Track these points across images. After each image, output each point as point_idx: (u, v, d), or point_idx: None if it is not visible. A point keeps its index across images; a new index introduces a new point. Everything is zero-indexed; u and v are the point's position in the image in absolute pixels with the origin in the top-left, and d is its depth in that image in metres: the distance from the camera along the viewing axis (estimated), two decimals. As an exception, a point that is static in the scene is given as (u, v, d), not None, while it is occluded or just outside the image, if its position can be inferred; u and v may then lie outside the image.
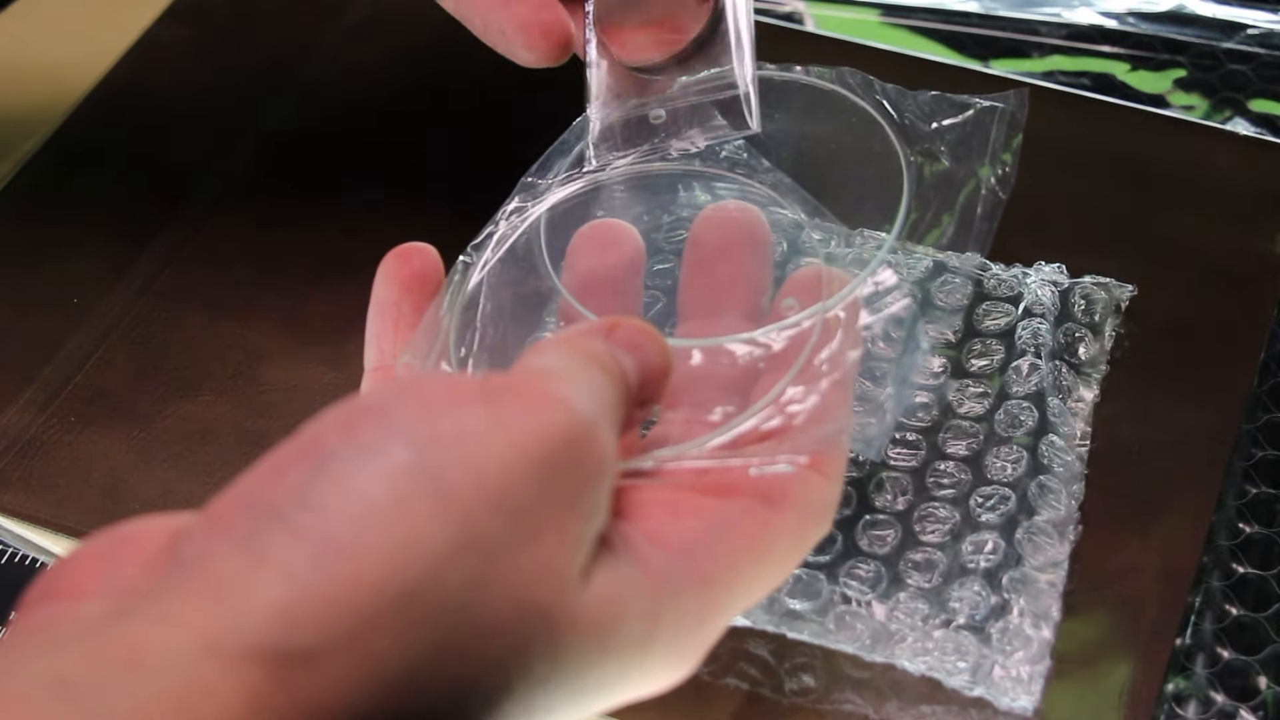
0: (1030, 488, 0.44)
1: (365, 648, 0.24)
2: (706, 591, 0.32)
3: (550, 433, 0.28)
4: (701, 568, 0.32)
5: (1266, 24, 0.60)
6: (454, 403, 0.28)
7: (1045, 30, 0.61)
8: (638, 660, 0.30)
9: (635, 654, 0.30)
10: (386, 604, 0.25)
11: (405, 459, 0.26)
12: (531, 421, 0.28)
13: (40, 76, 0.61)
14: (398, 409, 0.27)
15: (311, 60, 0.61)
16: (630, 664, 0.30)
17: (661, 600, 0.30)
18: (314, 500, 0.25)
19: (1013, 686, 0.41)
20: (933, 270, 0.50)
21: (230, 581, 0.25)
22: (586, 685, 0.29)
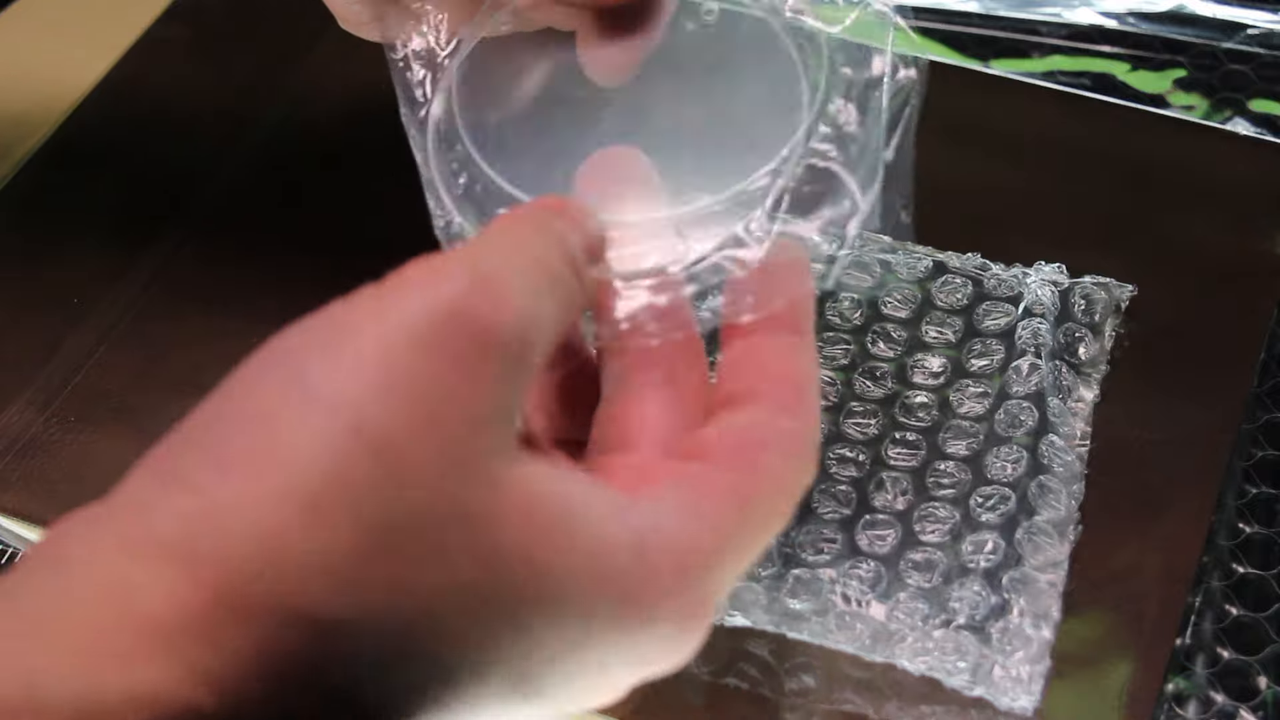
0: (1030, 488, 0.44)
1: (277, 555, 0.25)
2: (693, 543, 0.29)
3: (434, 304, 0.27)
4: (679, 519, 0.30)
5: (1266, 24, 0.60)
6: (346, 307, 0.28)
7: (1045, 30, 0.61)
8: (612, 598, 0.28)
9: (603, 587, 0.28)
10: (294, 512, 0.25)
11: (291, 372, 0.26)
12: (414, 298, 0.27)
13: (40, 76, 0.61)
14: (305, 336, 0.27)
15: (311, 60, 0.61)
16: (602, 600, 0.28)
17: (635, 529, 0.28)
18: (218, 427, 0.26)
19: (1013, 686, 0.41)
20: (933, 270, 0.50)
21: (146, 497, 0.26)
22: (550, 618, 0.27)
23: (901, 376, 0.48)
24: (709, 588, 0.30)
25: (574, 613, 0.27)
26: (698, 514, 0.29)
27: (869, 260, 0.51)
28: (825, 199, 0.41)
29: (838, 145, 0.41)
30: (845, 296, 0.50)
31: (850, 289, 0.50)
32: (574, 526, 0.27)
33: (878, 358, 0.48)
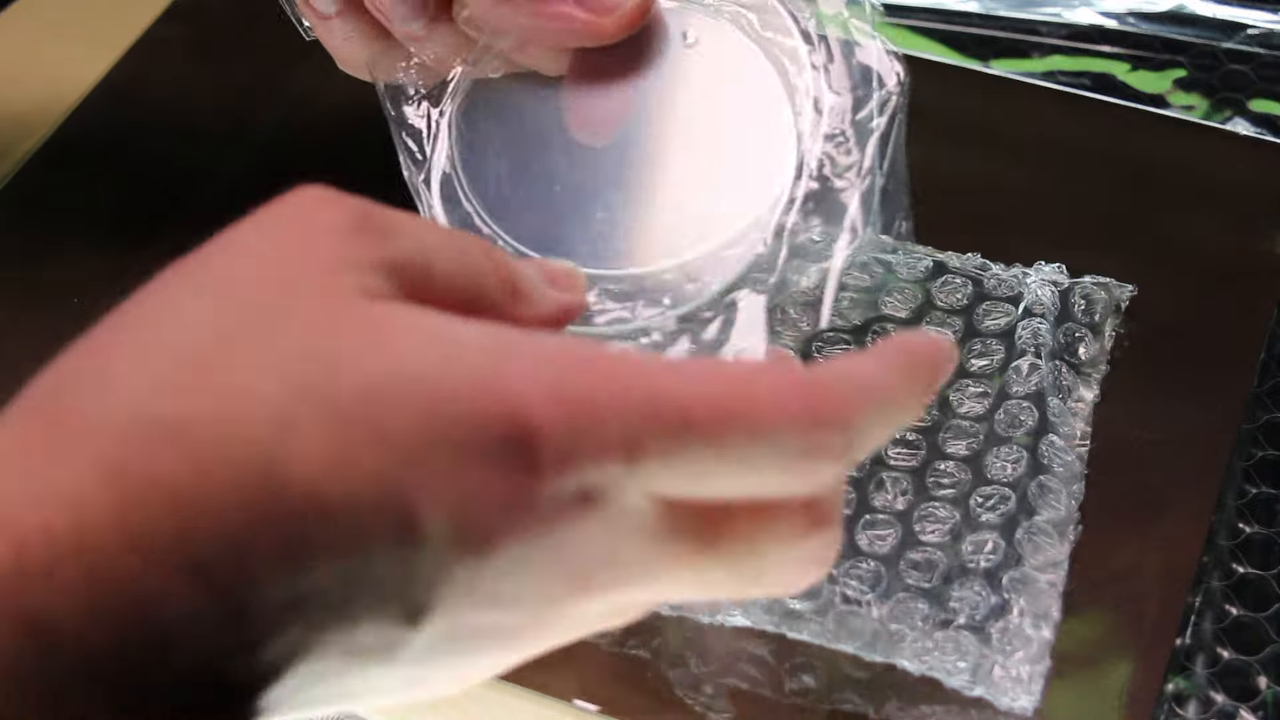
0: (1030, 488, 0.44)
1: (119, 484, 0.24)
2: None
3: (273, 210, 0.28)
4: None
5: (1266, 24, 0.60)
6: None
7: (1045, 30, 0.61)
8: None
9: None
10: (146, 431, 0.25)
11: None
12: (261, 214, 0.28)
13: (40, 76, 0.61)
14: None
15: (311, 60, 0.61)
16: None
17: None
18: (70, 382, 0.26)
19: (1013, 686, 0.41)
20: (933, 270, 0.50)
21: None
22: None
23: (901, 376, 0.48)
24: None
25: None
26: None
27: (869, 260, 0.51)
28: (825, 225, 0.41)
29: (832, 172, 0.41)
30: (845, 296, 0.50)
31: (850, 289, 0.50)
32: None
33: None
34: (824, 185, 0.41)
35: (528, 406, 0.26)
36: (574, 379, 0.26)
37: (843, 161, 0.41)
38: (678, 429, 0.26)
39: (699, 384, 0.27)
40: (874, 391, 0.28)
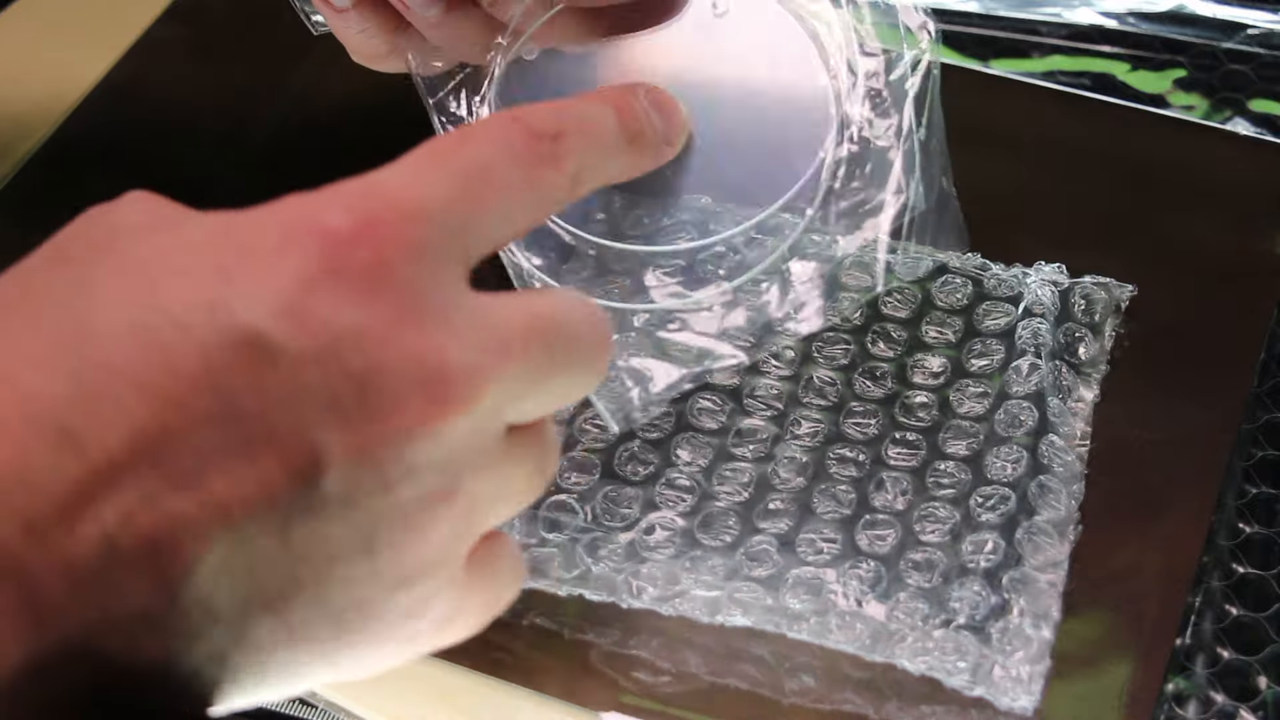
0: (1030, 488, 0.44)
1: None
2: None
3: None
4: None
5: (1266, 24, 0.60)
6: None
7: (1045, 30, 0.61)
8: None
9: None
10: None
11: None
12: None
13: (40, 76, 0.61)
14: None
15: (311, 60, 0.61)
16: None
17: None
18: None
19: (1013, 686, 0.41)
20: (933, 270, 0.50)
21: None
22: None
23: (901, 376, 0.48)
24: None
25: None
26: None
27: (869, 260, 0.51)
28: (869, 188, 0.41)
29: (872, 133, 0.41)
30: (845, 296, 0.50)
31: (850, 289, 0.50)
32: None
33: (878, 358, 0.48)
34: (864, 147, 0.41)
35: (313, 207, 0.28)
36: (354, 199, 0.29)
37: (881, 122, 0.41)
38: (454, 176, 0.30)
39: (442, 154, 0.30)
40: (576, 107, 0.33)
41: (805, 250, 0.41)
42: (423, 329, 0.28)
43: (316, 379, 0.26)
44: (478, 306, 0.29)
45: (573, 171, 0.32)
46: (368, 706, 0.44)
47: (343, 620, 0.28)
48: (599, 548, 0.45)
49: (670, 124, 0.37)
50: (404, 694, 0.44)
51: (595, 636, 0.44)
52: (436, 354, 0.28)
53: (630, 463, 0.47)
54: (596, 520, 0.45)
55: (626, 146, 0.35)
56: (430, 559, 0.29)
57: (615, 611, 0.44)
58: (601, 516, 0.45)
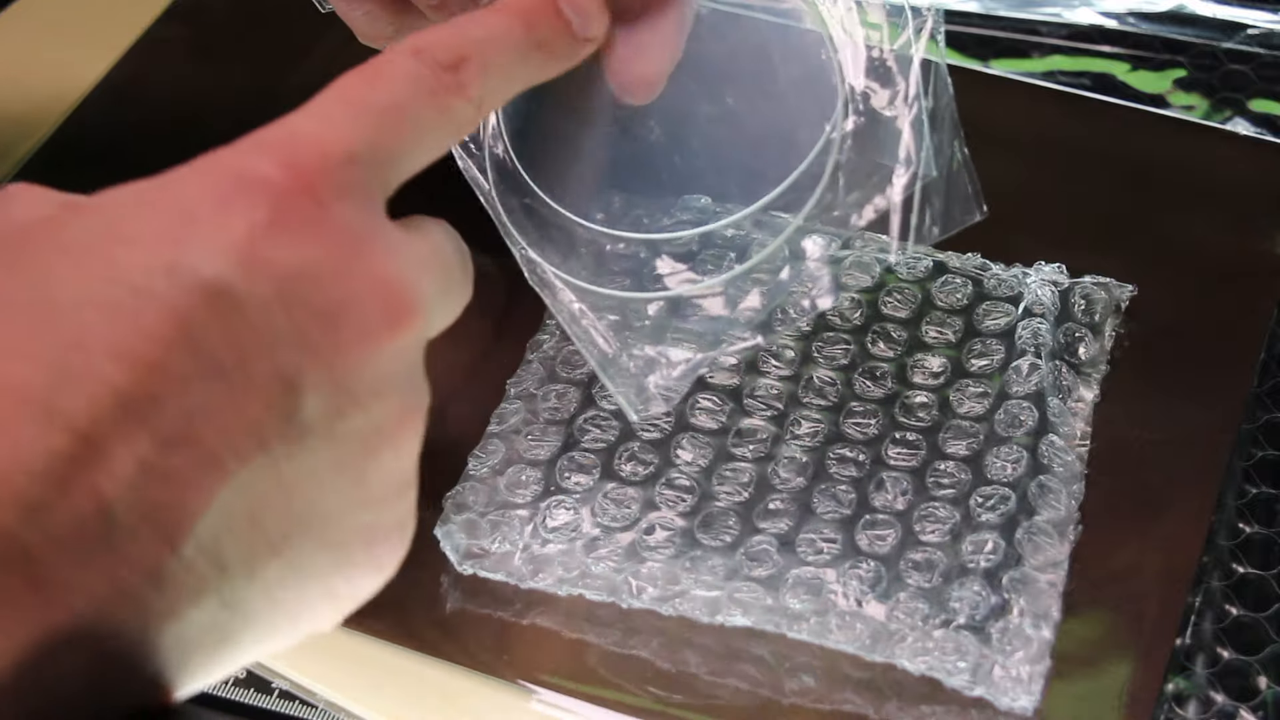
0: (1030, 488, 0.44)
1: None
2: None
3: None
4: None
5: (1266, 24, 0.60)
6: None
7: (1045, 30, 0.61)
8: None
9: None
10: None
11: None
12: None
13: (40, 76, 0.61)
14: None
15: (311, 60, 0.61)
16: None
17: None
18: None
19: (1013, 686, 0.41)
20: (933, 270, 0.50)
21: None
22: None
23: (901, 376, 0.48)
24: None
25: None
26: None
27: (869, 260, 0.51)
28: (878, 159, 0.41)
29: (878, 104, 0.41)
30: (845, 296, 0.50)
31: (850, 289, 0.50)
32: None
33: (878, 358, 0.48)
34: (871, 118, 0.41)
35: (245, 161, 0.29)
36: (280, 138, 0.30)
37: (886, 92, 0.41)
38: (368, 115, 0.31)
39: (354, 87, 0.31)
40: (477, 28, 0.34)
41: (816, 227, 0.41)
42: (368, 257, 0.29)
43: (282, 320, 0.27)
44: (397, 234, 0.31)
45: (478, 96, 0.33)
46: (368, 706, 0.44)
47: (343, 547, 0.30)
48: (599, 548, 0.45)
49: (589, 20, 0.36)
50: (404, 694, 0.44)
51: (595, 636, 0.44)
52: (385, 276, 0.29)
53: (630, 463, 0.47)
54: (596, 520, 0.45)
55: (534, 55, 0.35)
56: (410, 470, 0.31)
57: (615, 611, 0.44)
58: (601, 516, 0.45)
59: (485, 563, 0.45)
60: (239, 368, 0.27)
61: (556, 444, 0.47)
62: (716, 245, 0.43)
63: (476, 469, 0.47)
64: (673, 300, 0.42)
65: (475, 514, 0.46)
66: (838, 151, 0.41)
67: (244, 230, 0.28)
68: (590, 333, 0.42)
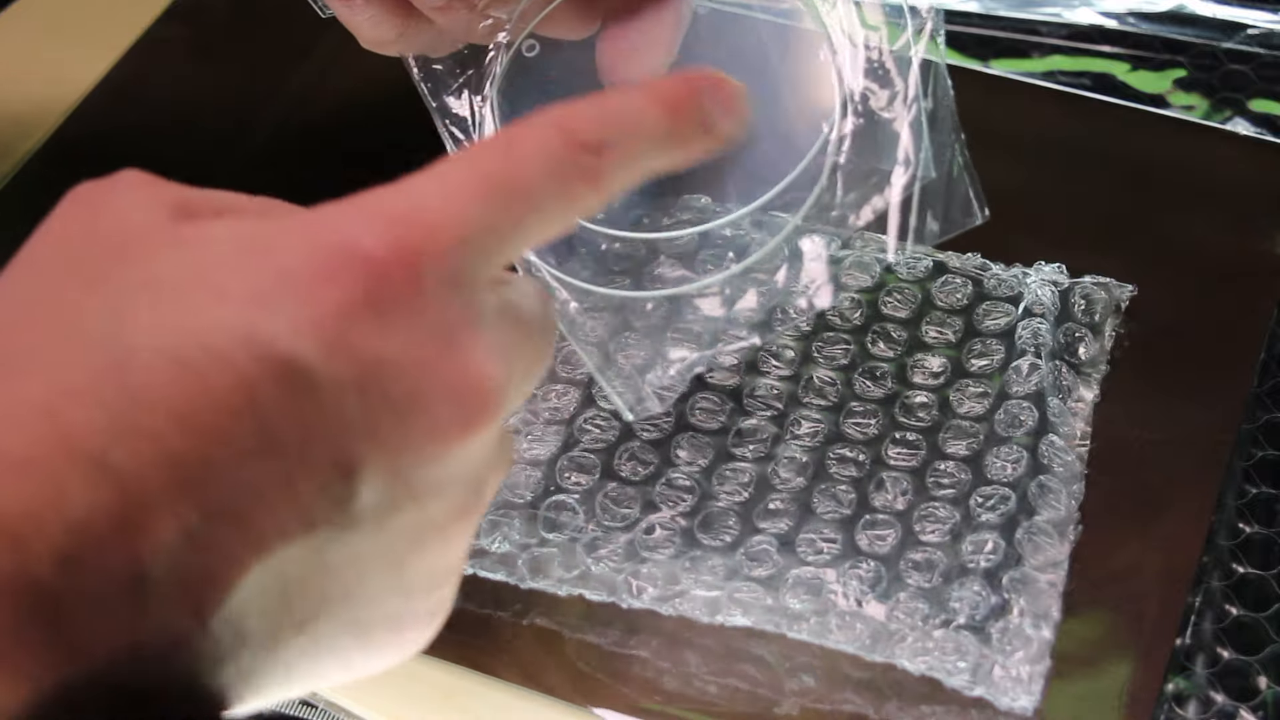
0: (1030, 488, 0.44)
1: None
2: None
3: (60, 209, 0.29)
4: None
5: (1266, 24, 0.60)
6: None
7: (1045, 30, 0.61)
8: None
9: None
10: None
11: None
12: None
13: (40, 76, 0.61)
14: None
15: (311, 60, 0.61)
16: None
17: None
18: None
19: (1013, 686, 0.41)
20: (933, 270, 0.50)
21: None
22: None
23: (901, 376, 0.48)
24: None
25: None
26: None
27: (869, 260, 0.51)
28: (876, 160, 0.41)
29: (877, 105, 0.41)
30: (845, 296, 0.50)
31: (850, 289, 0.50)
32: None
33: (878, 358, 0.48)
34: (869, 119, 0.41)
35: (353, 230, 0.27)
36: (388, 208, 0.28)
37: (885, 93, 0.41)
38: (495, 195, 0.29)
39: (481, 161, 0.29)
40: (624, 114, 0.31)
41: (815, 227, 0.41)
42: (459, 352, 0.28)
43: (355, 407, 0.26)
44: (490, 317, 0.29)
45: (608, 186, 0.31)
46: (368, 706, 0.44)
47: (370, 631, 0.29)
48: (599, 548, 0.45)
49: (729, 119, 0.34)
50: (404, 694, 0.44)
51: (595, 636, 0.44)
52: (469, 374, 0.28)
53: (630, 463, 0.47)
54: (596, 520, 0.45)
55: (668, 147, 0.32)
56: (456, 564, 0.31)
57: (615, 611, 0.44)
58: (601, 516, 0.45)
59: (485, 563, 0.45)
60: (300, 449, 0.26)
61: (556, 444, 0.47)
62: (715, 245, 0.43)
63: (476, 469, 0.47)
64: (671, 300, 0.42)
65: (475, 514, 0.46)
66: (836, 152, 0.41)
67: (333, 305, 0.26)
68: (587, 333, 0.42)
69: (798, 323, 0.45)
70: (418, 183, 0.29)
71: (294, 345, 0.26)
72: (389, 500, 0.27)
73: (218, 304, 0.26)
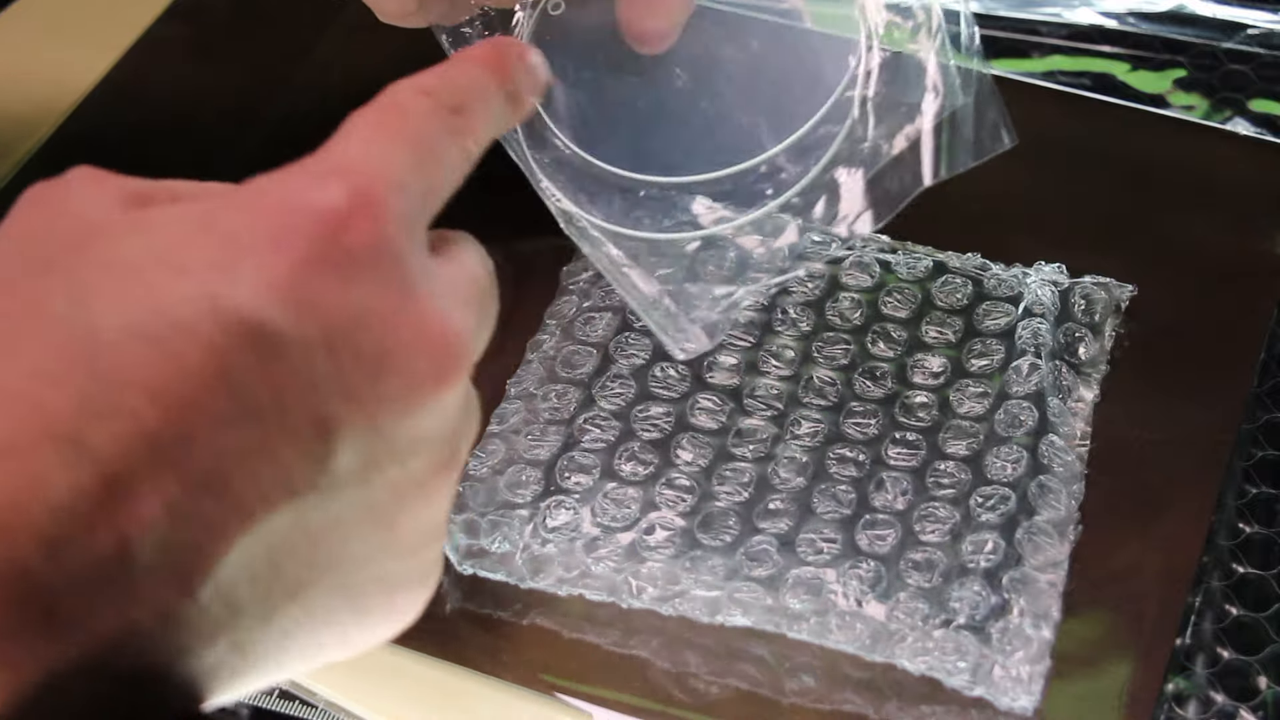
0: (1030, 488, 0.44)
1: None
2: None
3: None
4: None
5: (1266, 24, 0.60)
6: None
7: (1045, 30, 0.61)
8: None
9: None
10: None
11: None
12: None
13: (40, 76, 0.61)
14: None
15: (311, 59, 0.61)
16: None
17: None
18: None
19: (1013, 686, 0.41)
20: (933, 270, 0.50)
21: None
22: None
23: (901, 376, 0.48)
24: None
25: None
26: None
27: (869, 260, 0.51)
28: (905, 89, 0.41)
29: (901, 38, 0.41)
30: (845, 296, 0.50)
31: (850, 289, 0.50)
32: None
33: (878, 358, 0.48)
34: (895, 52, 0.41)
35: (303, 189, 0.28)
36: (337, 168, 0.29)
37: (909, 25, 0.41)
38: (413, 149, 0.30)
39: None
40: (469, 78, 0.34)
41: (849, 159, 0.41)
42: (418, 300, 0.28)
43: (327, 365, 0.26)
44: (440, 269, 0.30)
45: (477, 139, 0.33)
46: (368, 707, 0.44)
47: (363, 596, 0.29)
48: (599, 548, 0.45)
49: (535, 79, 0.37)
50: (404, 694, 0.44)
51: (595, 636, 0.44)
52: (434, 324, 0.28)
53: (630, 463, 0.47)
54: (596, 520, 0.45)
55: (507, 107, 0.35)
56: (440, 521, 0.31)
57: (615, 611, 0.44)
58: (601, 516, 0.45)
59: (485, 563, 0.45)
60: (276, 412, 0.26)
61: (556, 444, 0.47)
62: (749, 183, 0.43)
63: (476, 468, 0.47)
64: (709, 239, 0.42)
65: (475, 514, 0.46)
66: (864, 85, 0.41)
67: (294, 263, 0.26)
68: (630, 277, 0.42)
69: (842, 241, 0.45)
70: (336, 145, 0.30)
71: (258, 309, 0.26)
72: (369, 459, 0.27)
73: (179, 279, 0.26)
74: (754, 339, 0.49)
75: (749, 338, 0.49)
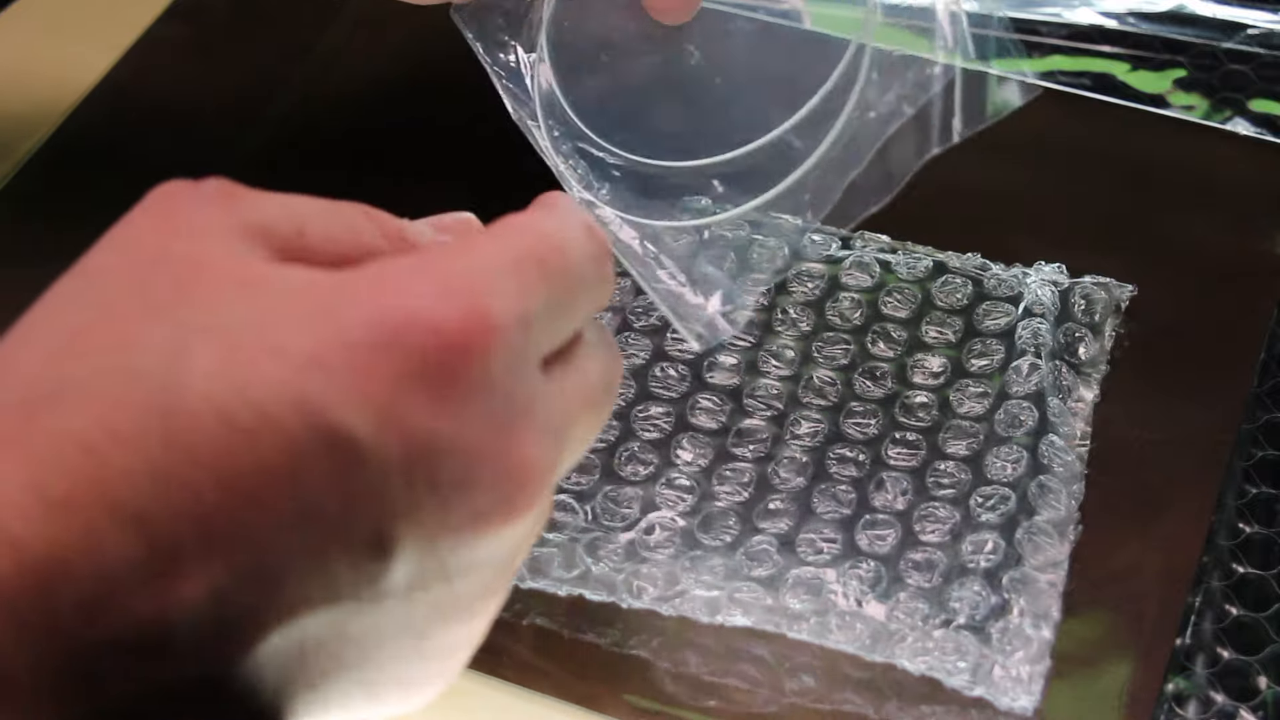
0: (1030, 488, 0.44)
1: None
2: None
3: (137, 206, 0.29)
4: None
5: (1266, 24, 0.60)
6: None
7: (1045, 30, 0.61)
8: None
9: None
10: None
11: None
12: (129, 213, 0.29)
13: (40, 76, 0.61)
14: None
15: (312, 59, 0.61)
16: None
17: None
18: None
19: (1013, 686, 0.41)
20: (933, 270, 0.50)
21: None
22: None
23: (901, 376, 0.48)
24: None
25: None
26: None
27: (869, 260, 0.51)
28: (916, 54, 0.41)
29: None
30: (845, 296, 0.50)
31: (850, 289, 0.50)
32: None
33: (878, 358, 0.48)
34: (904, 11, 0.41)
35: (421, 297, 0.26)
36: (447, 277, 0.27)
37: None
38: (550, 275, 0.29)
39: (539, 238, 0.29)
40: (584, 236, 0.31)
41: (861, 126, 0.41)
42: (513, 439, 0.27)
43: (400, 486, 0.26)
44: (550, 387, 0.29)
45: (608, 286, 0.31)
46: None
47: (381, 689, 0.29)
48: (599, 548, 0.45)
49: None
50: (404, 694, 0.44)
51: (595, 636, 0.44)
52: (522, 464, 0.27)
53: (630, 463, 0.47)
54: (596, 520, 0.45)
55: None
56: (476, 637, 0.30)
57: (615, 611, 0.44)
58: (601, 516, 0.45)
59: (485, 563, 0.45)
60: (338, 523, 0.25)
61: (556, 444, 0.47)
62: (763, 161, 0.43)
63: (476, 469, 0.47)
64: (727, 223, 0.42)
65: (475, 514, 0.46)
66: (872, 52, 0.41)
67: (391, 378, 0.25)
68: (651, 266, 0.42)
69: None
70: (478, 256, 0.28)
71: (345, 416, 0.25)
72: (419, 578, 0.27)
73: (274, 362, 0.25)
74: (754, 339, 0.49)
75: (749, 338, 0.49)
